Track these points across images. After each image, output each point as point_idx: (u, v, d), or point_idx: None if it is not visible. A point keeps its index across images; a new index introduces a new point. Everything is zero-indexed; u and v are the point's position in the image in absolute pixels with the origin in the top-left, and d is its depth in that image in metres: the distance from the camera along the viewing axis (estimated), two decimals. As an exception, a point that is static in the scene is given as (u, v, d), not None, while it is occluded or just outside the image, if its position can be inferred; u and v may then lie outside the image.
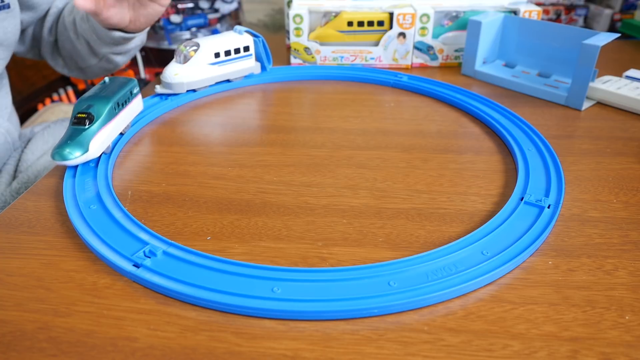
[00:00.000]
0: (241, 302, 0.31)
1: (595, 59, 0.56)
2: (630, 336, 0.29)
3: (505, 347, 0.29)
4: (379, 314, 0.31)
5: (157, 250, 0.35)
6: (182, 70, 0.60)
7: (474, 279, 0.32)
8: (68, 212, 0.39)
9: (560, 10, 1.31)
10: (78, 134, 0.44)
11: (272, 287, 0.32)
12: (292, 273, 0.33)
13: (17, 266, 0.35)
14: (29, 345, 0.29)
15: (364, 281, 0.32)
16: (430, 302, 0.31)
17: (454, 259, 0.34)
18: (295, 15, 0.70)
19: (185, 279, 0.32)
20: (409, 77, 0.67)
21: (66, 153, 0.42)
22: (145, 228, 0.37)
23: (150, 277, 0.33)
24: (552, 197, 0.41)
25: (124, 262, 0.34)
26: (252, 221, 0.40)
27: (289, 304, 0.30)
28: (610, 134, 0.53)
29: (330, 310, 0.30)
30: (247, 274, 0.33)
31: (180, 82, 0.60)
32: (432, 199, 0.42)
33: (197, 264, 0.34)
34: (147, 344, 0.29)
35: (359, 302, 0.31)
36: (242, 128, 0.55)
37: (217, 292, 0.31)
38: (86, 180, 0.43)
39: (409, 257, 0.34)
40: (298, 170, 0.47)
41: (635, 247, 0.37)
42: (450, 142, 0.52)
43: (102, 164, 0.45)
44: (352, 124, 0.56)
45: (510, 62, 0.70)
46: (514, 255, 0.34)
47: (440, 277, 0.32)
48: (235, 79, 0.66)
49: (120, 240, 0.36)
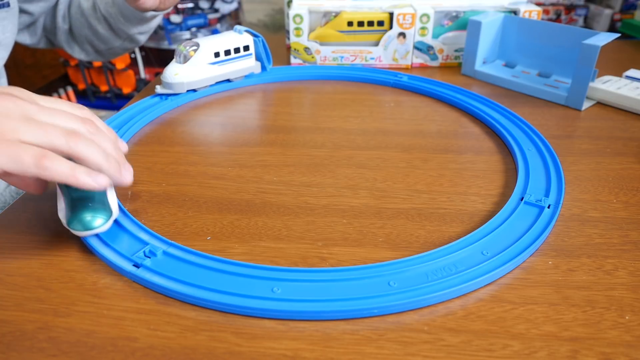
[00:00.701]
0: (241, 302, 0.31)
1: (595, 59, 0.56)
2: (630, 336, 0.29)
3: (505, 347, 0.29)
4: (379, 314, 0.31)
5: (157, 250, 0.35)
6: (182, 70, 0.60)
7: (474, 279, 0.32)
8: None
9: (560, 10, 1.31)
10: (91, 193, 0.36)
11: (272, 287, 0.32)
12: (292, 273, 0.33)
13: (17, 266, 0.35)
14: (29, 345, 0.29)
15: (364, 281, 0.32)
16: (430, 302, 0.31)
17: (454, 259, 0.34)
18: (295, 15, 0.70)
19: (185, 279, 0.32)
20: (409, 77, 0.67)
21: (88, 220, 0.35)
22: (145, 228, 0.37)
23: (150, 277, 0.33)
24: (552, 197, 0.41)
25: (124, 262, 0.34)
26: (252, 221, 0.40)
27: (288, 304, 0.30)
28: (610, 134, 0.53)
29: (330, 311, 0.30)
30: (246, 274, 0.33)
31: (180, 82, 0.60)
32: (432, 199, 0.42)
33: (197, 264, 0.34)
34: (147, 344, 0.29)
35: (358, 302, 0.31)
36: (242, 128, 0.55)
37: (217, 292, 0.31)
38: None
39: (408, 257, 0.34)
40: (298, 170, 0.47)
41: (635, 247, 0.37)
42: (450, 142, 0.52)
43: None
44: (352, 124, 0.56)
45: (510, 62, 0.70)
46: (514, 256, 0.34)
47: (440, 277, 0.32)
48: (235, 78, 0.66)
49: (120, 241, 0.36)
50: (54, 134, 0.32)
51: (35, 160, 0.30)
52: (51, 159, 0.31)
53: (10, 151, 0.30)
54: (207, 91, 0.64)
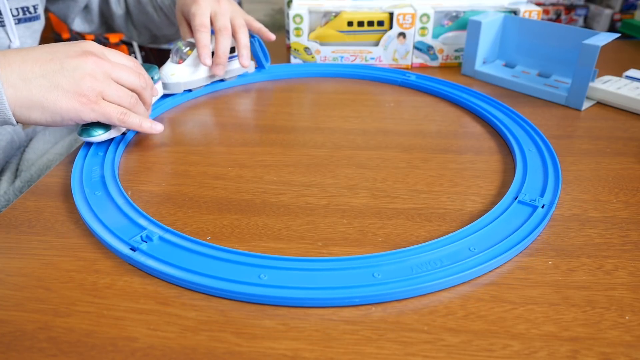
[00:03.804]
0: (228, 286, 0.32)
1: (595, 59, 0.56)
2: (630, 336, 0.29)
3: (505, 347, 0.29)
4: (360, 304, 0.31)
5: (154, 235, 0.36)
6: (179, 70, 0.60)
7: (458, 273, 0.33)
8: (73, 195, 0.41)
9: (560, 10, 1.31)
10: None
11: (259, 274, 0.33)
12: (279, 261, 0.34)
13: (17, 266, 0.35)
14: (29, 345, 0.29)
15: (348, 271, 0.33)
16: (414, 294, 0.32)
17: (441, 254, 0.35)
18: (295, 15, 0.70)
19: (179, 263, 0.34)
20: (418, 76, 0.67)
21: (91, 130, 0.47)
22: (144, 214, 0.38)
23: (145, 261, 0.34)
24: (547, 197, 0.41)
25: (121, 245, 0.35)
26: (252, 221, 0.40)
27: (273, 290, 0.32)
28: (610, 134, 0.53)
29: (312, 298, 0.31)
30: (236, 260, 0.34)
31: (177, 82, 0.60)
32: (432, 199, 0.42)
33: (190, 250, 0.35)
34: (147, 344, 0.29)
35: (341, 291, 0.32)
36: (242, 128, 0.55)
37: (207, 277, 0.33)
38: (94, 168, 0.45)
39: (395, 250, 0.35)
40: (298, 170, 0.47)
41: (635, 247, 0.37)
42: (450, 142, 0.52)
43: (110, 153, 0.48)
44: (352, 124, 0.56)
45: (510, 62, 0.70)
46: (501, 253, 0.35)
47: (425, 270, 0.33)
48: (229, 78, 0.66)
49: (119, 225, 0.38)
50: (124, 97, 0.46)
51: (119, 116, 0.45)
52: (128, 115, 0.46)
53: (101, 109, 0.44)
54: (207, 90, 0.64)
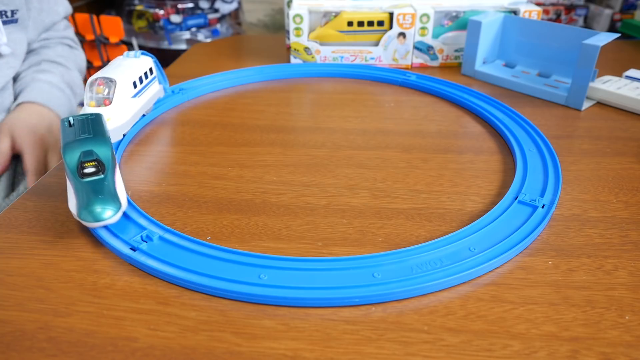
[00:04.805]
0: (229, 286, 0.32)
1: (595, 59, 0.56)
2: (630, 336, 0.29)
3: (505, 347, 0.29)
4: (360, 304, 0.31)
5: (154, 235, 0.36)
6: (110, 112, 0.47)
7: (458, 274, 0.33)
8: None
9: (560, 10, 1.31)
10: (100, 185, 0.36)
11: (259, 274, 0.33)
12: (279, 261, 0.34)
13: (17, 266, 0.35)
14: (29, 345, 0.29)
15: (348, 272, 0.33)
16: (414, 294, 0.32)
17: (441, 254, 0.35)
18: (295, 15, 0.70)
19: (179, 263, 0.34)
20: (418, 76, 0.67)
21: (98, 212, 0.35)
22: (145, 214, 0.38)
23: (145, 260, 0.34)
24: (547, 197, 0.41)
25: (121, 245, 0.35)
26: (252, 221, 0.40)
27: (273, 290, 0.32)
28: (610, 134, 0.53)
29: (312, 298, 0.31)
30: (236, 260, 0.34)
31: (114, 127, 0.47)
32: (432, 199, 0.42)
33: (190, 250, 0.35)
34: (147, 344, 0.29)
35: (341, 291, 0.32)
36: (242, 128, 0.55)
37: (208, 277, 0.33)
38: None
39: (395, 250, 0.35)
40: (298, 170, 0.47)
41: (635, 247, 0.37)
42: (450, 142, 0.52)
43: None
44: (352, 124, 0.56)
45: (510, 62, 0.70)
46: (501, 253, 0.35)
47: (425, 270, 0.33)
48: (147, 111, 0.55)
49: (120, 225, 0.37)
50: None
51: None
52: None
53: None
54: (207, 91, 0.64)
